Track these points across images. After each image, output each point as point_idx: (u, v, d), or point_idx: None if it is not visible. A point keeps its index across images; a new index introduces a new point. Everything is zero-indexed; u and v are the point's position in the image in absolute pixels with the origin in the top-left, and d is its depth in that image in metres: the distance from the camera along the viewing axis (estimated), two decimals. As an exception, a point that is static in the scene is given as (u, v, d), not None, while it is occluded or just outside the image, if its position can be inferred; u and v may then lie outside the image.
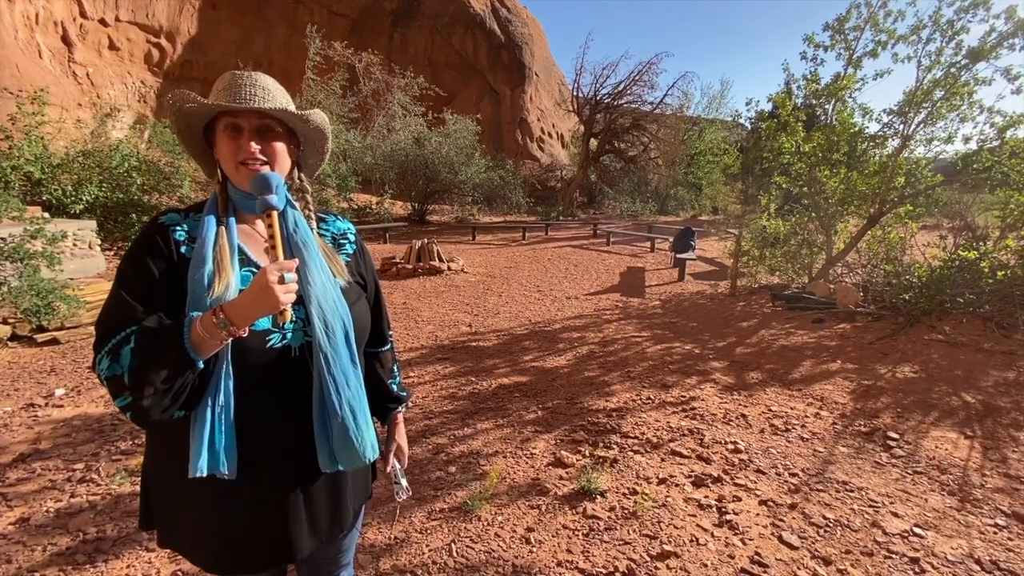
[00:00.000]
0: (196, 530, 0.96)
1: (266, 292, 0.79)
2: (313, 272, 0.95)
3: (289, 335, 0.94)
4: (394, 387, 1.29)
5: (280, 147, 0.99)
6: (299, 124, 1.03)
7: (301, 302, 0.93)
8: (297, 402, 0.94)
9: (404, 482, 1.25)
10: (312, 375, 0.93)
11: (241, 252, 0.96)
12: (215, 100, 0.93)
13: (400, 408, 1.29)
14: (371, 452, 0.98)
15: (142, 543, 2.09)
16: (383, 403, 1.27)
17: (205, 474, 0.85)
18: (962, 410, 3.48)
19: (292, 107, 0.99)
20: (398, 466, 1.26)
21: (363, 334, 1.10)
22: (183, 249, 0.92)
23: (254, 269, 0.95)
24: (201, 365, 0.82)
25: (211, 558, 0.97)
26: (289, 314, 0.84)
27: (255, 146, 0.95)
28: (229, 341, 0.84)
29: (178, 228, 0.94)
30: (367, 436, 0.97)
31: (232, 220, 0.97)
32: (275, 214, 0.89)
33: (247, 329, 0.84)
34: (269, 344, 0.92)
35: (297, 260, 0.90)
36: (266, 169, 0.94)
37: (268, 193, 0.89)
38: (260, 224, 1.02)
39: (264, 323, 0.91)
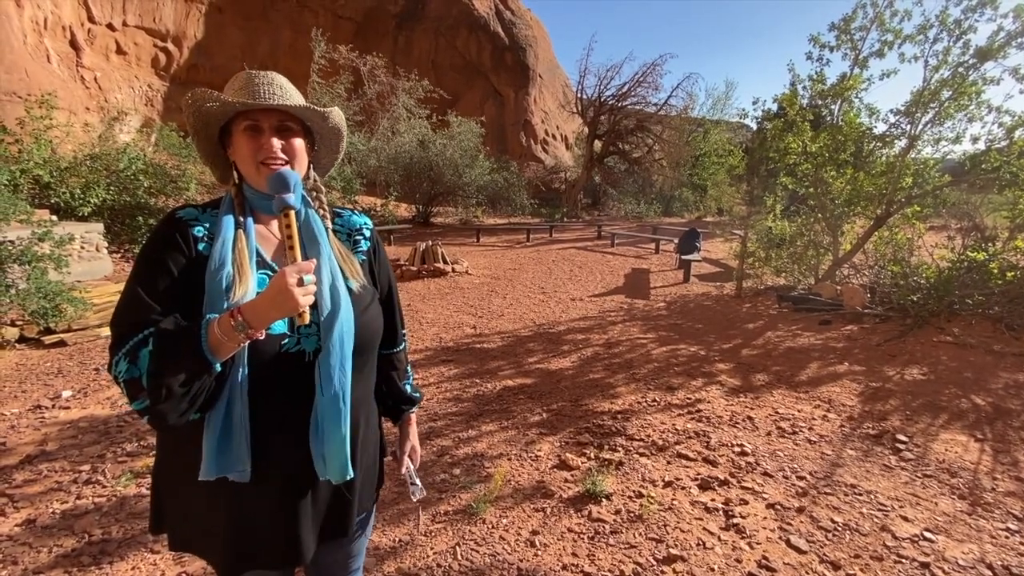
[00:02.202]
0: (207, 530, 0.96)
1: (284, 294, 0.79)
2: (323, 274, 0.94)
3: (303, 339, 0.93)
4: (407, 388, 1.28)
5: (300, 144, 0.99)
6: (318, 122, 1.03)
7: (316, 305, 0.92)
8: (308, 405, 0.93)
9: (419, 482, 1.24)
10: None
11: (257, 254, 0.95)
12: (234, 99, 0.92)
13: (413, 409, 1.29)
14: (342, 471, 0.94)
15: (147, 545, 2.09)
16: (396, 404, 1.26)
17: (215, 476, 0.85)
18: (972, 413, 3.44)
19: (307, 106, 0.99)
20: (412, 467, 1.26)
21: (374, 340, 1.08)
22: (200, 246, 0.91)
23: (269, 272, 0.95)
24: (219, 368, 0.82)
25: (221, 557, 0.97)
26: (308, 316, 0.83)
27: (277, 143, 0.94)
28: (246, 344, 0.84)
29: (196, 224, 0.93)
30: (345, 453, 0.94)
31: (250, 222, 0.96)
32: (292, 214, 0.88)
33: (264, 332, 0.84)
34: (284, 348, 0.91)
35: (315, 261, 0.89)
36: (286, 168, 0.94)
37: (286, 192, 0.88)
38: (275, 225, 1.02)
39: (280, 327, 0.90)
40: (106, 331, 4.92)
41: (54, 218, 6.63)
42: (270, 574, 1.01)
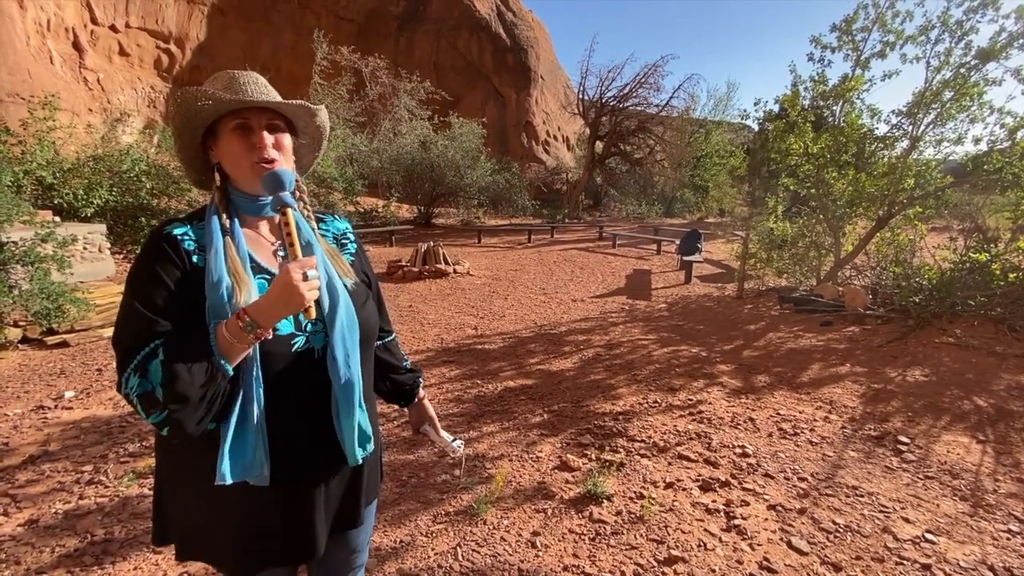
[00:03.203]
0: (216, 532, 0.95)
1: (291, 290, 0.79)
2: (319, 272, 0.94)
3: (312, 337, 0.94)
4: (407, 364, 1.32)
5: (288, 142, 0.99)
6: (305, 119, 1.03)
7: (318, 304, 0.93)
8: (318, 402, 0.94)
9: (456, 442, 1.33)
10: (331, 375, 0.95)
11: (250, 259, 0.95)
12: (229, 97, 0.91)
13: (420, 380, 1.33)
14: (367, 449, 1.00)
15: (149, 545, 2.09)
16: (403, 382, 1.29)
17: (232, 482, 0.84)
18: (974, 414, 3.43)
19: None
20: (441, 433, 1.34)
21: (373, 334, 1.10)
22: (195, 259, 0.90)
23: (266, 276, 0.95)
24: (231, 372, 0.82)
25: (233, 558, 0.97)
26: (314, 312, 0.84)
27: (269, 138, 0.94)
28: (257, 346, 0.84)
29: (186, 238, 0.92)
30: (368, 432, 0.99)
31: (237, 227, 0.95)
32: (290, 211, 0.88)
33: (271, 331, 0.84)
34: (294, 348, 0.92)
35: (316, 257, 0.89)
36: (278, 166, 0.94)
37: (282, 190, 0.88)
38: (263, 227, 1.02)
39: (288, 327, 0.91)
40: (109, 331, 4.93)
41: (57, 219, 6.64)
42: (278, 572, 1.02)
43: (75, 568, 1.98)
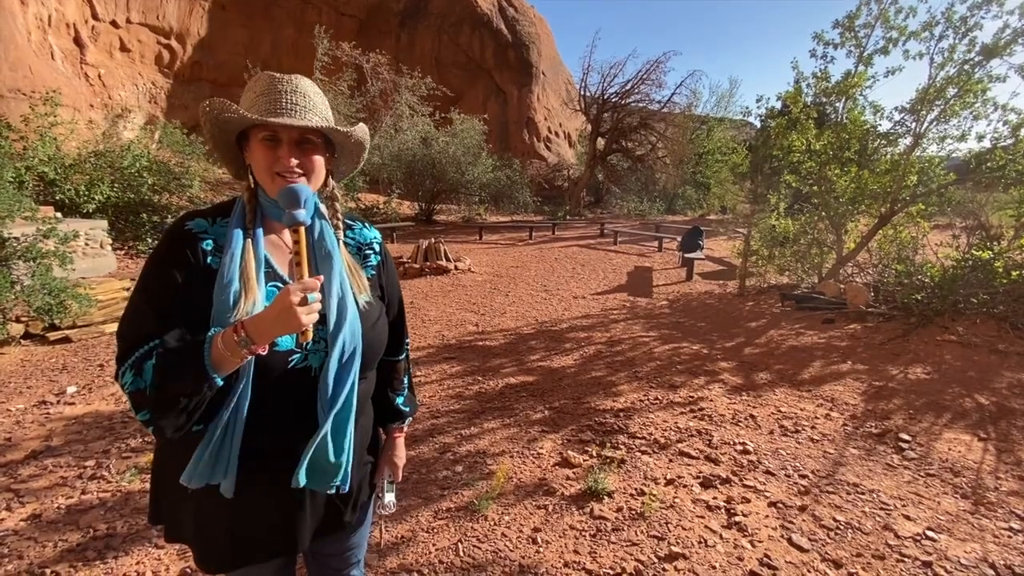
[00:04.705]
0: (202, 529, 0.96)
1: (288, 312, 0.77)
2: (333, 289, 0.93)
3: (311, 355, 0.93)
4: (399, 401, 1.25)
5: (318, 160, 0.96)
6: (341, 137, 1.00)
7: (324, 321, 0.92)
8: (309, 417, 0.93)
9: (389, 497, 1.20)
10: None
11: (268, 265, 0.94)
12: (253, 107, 0.89)
13: (400, 424, 1.26)
14: (342, 480, 0.95)
15: (151, 540, 2.10)
16: (385, 416, 1.24)
17: (196, 486, 0.86)
18: (975, 412, 3.43)
19: (331, 117, 0.96)
20: (386, 479, 1.23)
21: (378, 354, 1.08)
22: (210, 260, 0.90)
23: (279, 284, 0.94)
24: (220, 382, 0.82)
25: (215, 554, 0.97)
26: (311, 334, 0.83)
27: (294, 161, 0.92)
28: (251, 360, 0.83)
29: (205, 237, 0.92)
30: (343, 462, 0.94)
31: (260, 231, 0.95)
32: (302, 230, 0.86)
33: (266, 347, 0.83)
34: (291, 365, 0.91)
35: (322, 278, 0.86)
36: (300, 181, 0.92)
37: (296, 208, 0.86)
38: (287, 234, 1.00)
39: (288, 343, 0.90)
40: (110, 327, 4.94)
41: (59, 215, 6.66)
42: (266, 567, 1.02)
43: (77, 562, 1.99)
